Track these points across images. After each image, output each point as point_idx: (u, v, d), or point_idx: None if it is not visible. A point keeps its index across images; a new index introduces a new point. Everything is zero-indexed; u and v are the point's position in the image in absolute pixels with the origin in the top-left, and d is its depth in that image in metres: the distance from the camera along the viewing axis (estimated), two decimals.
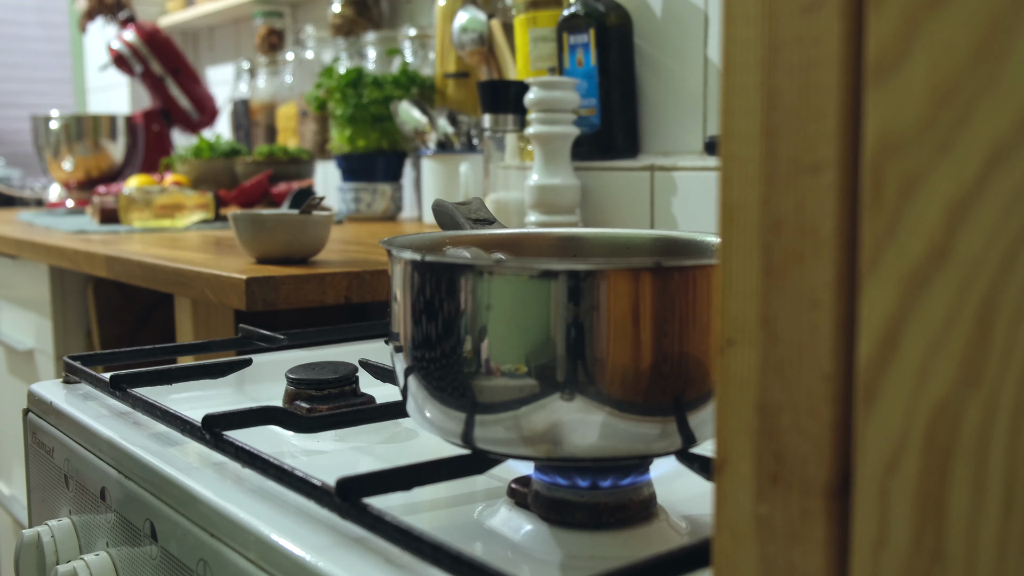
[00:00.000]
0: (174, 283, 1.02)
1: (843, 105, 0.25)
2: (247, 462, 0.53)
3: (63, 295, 1.40)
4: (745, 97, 0.27)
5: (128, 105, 2.91)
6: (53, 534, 0.66)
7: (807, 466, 0.26)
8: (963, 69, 0.22)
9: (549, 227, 0.90)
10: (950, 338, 0.23)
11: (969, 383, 0.22)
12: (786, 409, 0.27)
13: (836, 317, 0.25)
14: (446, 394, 0.45)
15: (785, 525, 0.27)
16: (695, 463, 0.50)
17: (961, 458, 0.23)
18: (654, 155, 1.22)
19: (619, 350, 0.42)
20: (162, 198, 1.57)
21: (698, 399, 0.44)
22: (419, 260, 0.45)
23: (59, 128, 2.14)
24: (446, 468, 0.48)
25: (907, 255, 0.23)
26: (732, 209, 0.28)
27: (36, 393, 0.74)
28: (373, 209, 1.71)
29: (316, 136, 1.98)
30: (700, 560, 0.38)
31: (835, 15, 0.25)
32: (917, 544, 0.24)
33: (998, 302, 0.22)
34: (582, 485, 0.47)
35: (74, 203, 2.12)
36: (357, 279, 0.97)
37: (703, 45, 1.16)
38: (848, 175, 0.25)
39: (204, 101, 2.31)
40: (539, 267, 0.43)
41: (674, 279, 0.43)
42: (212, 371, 0.74)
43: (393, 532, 0.42)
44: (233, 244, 1.25)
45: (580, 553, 0.45)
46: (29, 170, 3.01)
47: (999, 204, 0.22)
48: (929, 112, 0.23)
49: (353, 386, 0.69)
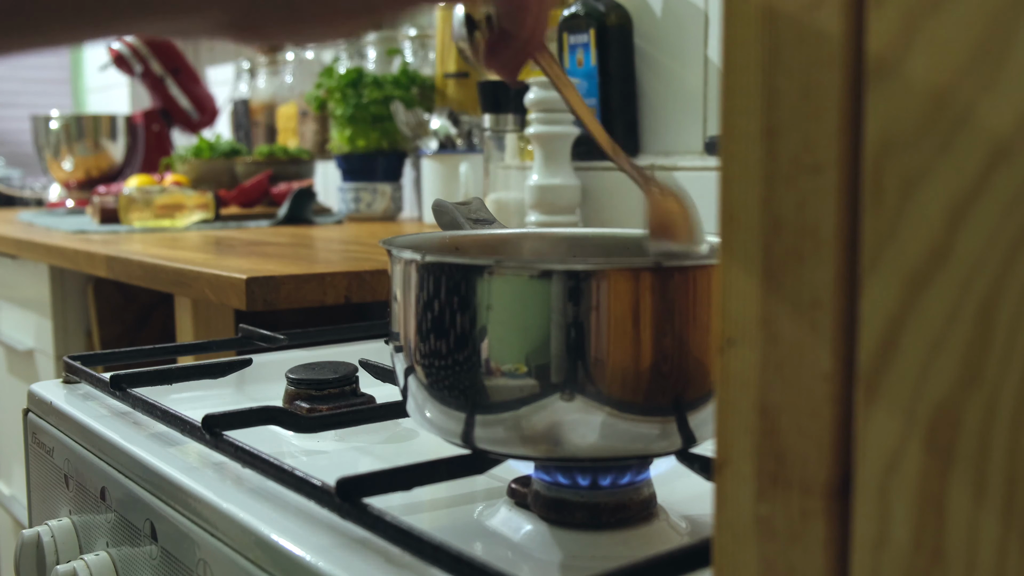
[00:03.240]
0: (174, 283, 1.02)
1: (843, 105, 0.25)
2: (247, 462, 0.53)
3: (63, 295, 1.40)
4: (745, 97, 0.27)
5: (128, 105, 2.91)
6: (53, 534, 0.66)
7: (807, 466, 0.26)
8: (963, 69, 0.22)
9: (549, 227, 0.90)
10: (950, 338, 0.23)
11: (969, 383, 0.22)
12: (786, 409, 0.27)
13: (836, 317, 0.25)
14: (446, 394, 0.45)
15: (785, 525, 0.27)
16: (695, 463, 0.50)
17: (961, 458, 0.23)
18: (654, 155, 1.22)
19: (619, 350, 0.42)
20: (162, 198, 1.57)
21: (698, 399, 0.44)
22: (419, 260, 0.45)
23: (59, 128, 2.14)
24: (446, 468, 0.48)
25: (907, 255, 0.23)
26: (732, 209, 0.28)
27: (36, 393, 0.74)
28: (373, 209, 1.71)
29: (316, 136, 1.97)
30: (700, 560, 0.38)
31: (835, 15, 0.25)
32: (917, 544, 0.24)
33: (998, 302, 0.22)
34: (583, 484, 0.47)
35: (74, 203, 2.12)
36: (357, 279, 0.97)
37: (703, 45, 1.16)
38: (848, 175, 0.25)
39: (204, 101, 2.30)
40: (539, 267, 0.43)
41: (674, 279, 0.43)
42: (212, 371, 0.74)
43: (393, 532, 0.42)
44: (233, 244, 1.25)
45: (580, 553, 0.45)
46: (29, 170, 3.01)
47: (999, 204, 0.22)
48: (929, 112, 0.23)
49: (353, 386, 0.69)
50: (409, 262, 0.46)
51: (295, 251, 1.19)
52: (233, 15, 0.40)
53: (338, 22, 0.42)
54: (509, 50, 0.49)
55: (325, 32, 0.43)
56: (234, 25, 0.41)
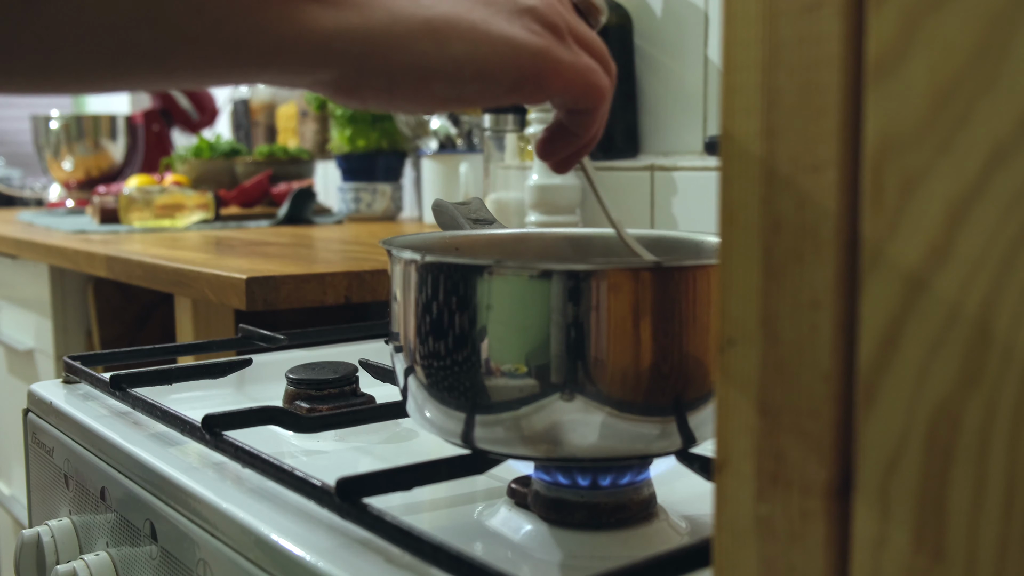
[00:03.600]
0: (174, 283, 1.02)
1: (843, 105, 0.25)
2: (247, 462, 0.53)
3: (63, 295, 1.40)
4: (745, 97, 0.27)
5: (128, 105, 2.91)
6: (53, 534, 0.66)
7: (807, 466, 0.26)
8: (963, 69, 0.22)
9: (549, 227, 0.90)
10: (950, 338, 0.23)
11: (969, 383, 0.22)
12: (786, 409, 0.27)
13: (836, 317, 0.25)
14: (446, 394, 0.45)
15: (785, 525, 0.27)
16: (695, 463, 0.50)
17: (961, 458, 0.23)
18: (654, 155, 1.22)
19: (619, 350, 0.42)
20: (162, 198, 1.57)
21: (698, 399, 0.44)
22: (419, 260, 0.45)
23: (59, 128, 2.14)
24: (446, 468, 0.48)
25: (907, 255, 0.23)
26: (732, 209, 0.28)
27: (36, 393, 0.74)
28: (373, 209, 1.71)
29: (316, 136, 1.98)
30: (700, 560, 0.38)
31: (835, 15, 0.25)
32: (917, 544, 0.24)
33: (998, 302, 0.22)
34: (583, 484, 0.47)
35: (74, 203, 2.12)
36: (357, 279, 0.97)
37: (703, 45, 1.16)
38: (848, 175, 0.25)
39: (204, 101, 2.30)
40: (539, 267, 0.43)
41: (674, 279, 0.43)
42: (212, 371, 0.74)
43: (393, 532, 0.42)
44: (233, 244, 1.25)
45: (580, 553, 0.45)
46: (29, 170, 3.01)
47: (999, 204, 0.22)
48: (929, 112, 0.23)
49: (353, 386, 0.69)
50: (409, 262, 0.46)
51: (295, 251, 1.19)
52: (338, 76, 0.43)
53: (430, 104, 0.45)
54: (568, 147, 0.50)
55: (414, 108, 0.46)
56: (335, 85, 0.43)
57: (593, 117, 0.49)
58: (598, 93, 0.47)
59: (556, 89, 0.46)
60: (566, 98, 0.47)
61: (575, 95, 0.47)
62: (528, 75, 0.44)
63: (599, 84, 0.47)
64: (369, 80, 0.43)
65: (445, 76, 0.43)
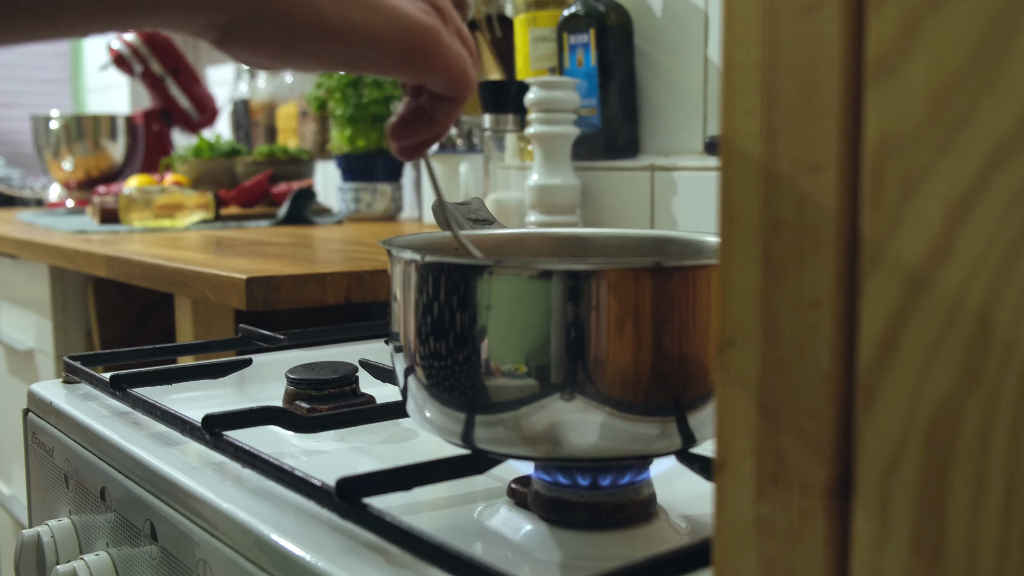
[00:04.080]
0: (174, 283, 1.02)
1: (843, 105, 0.25)
2: (247, 462, 0.53)
3: (63, 295, 1.40)
4: (745, 97, 0.27)
5: (128, 105, 2.91)
6: (53, 534, 0.66)
7: (807, 466, 0.26)
8: (963, 69, 0.22)
9: (549, 227, 0.90)
10: (950, 338, 0.23)
11: (969, 383, 0.22)
12: (786, 409, 0.27)
13: (836, 317, 0.25)
14: (446, 394, 0.45)
15: (785, 525, 0.27)
16: (695, 463, 0.50)
17: (961, 458, 0.23)
18: (654, 155, 1.22)
19: (619, 350, 0.42)
20: (162, 198, 1.57)
21: (698, 399, 0.44)
22: (419, 260, 0.45)
23: (59, 128, 2.14)
24: (446, 468, 0.48)
25: (907, 255, 0.23)
26: (732, 209, 0.28)
27: (36, 393, 0.74)
28: (373, 209, 1.71)
29: (316, 136, 1.98)
30: (700, 560, 0.38)
31: (835, 15, 0.25)
32: (917, 544, 0.24)
33: (998, 302, 0.22)
34: (583, 484, 0.47)
35: (74, 203, 2.12)
36: (357, 279, 0.97)
37: (703, 45, 1.16)
38: (848, 175, 0.25)
39: (204, 101, 2.31)
40: (539, 267, 0.43)
41: (674, 279, 0.43)
42: (212, 371, 0.74)
43: (393, 532, 0.42)
44: (233, 244, 1.25)
45: (580, 553, 0.45)
46: (29, 170, 3.01)
47: (999, 204, 0.22)
48: (929, 112, 0.23)
49: (353, 386, 0.69)
50: (409, 262, 0.46)
51: (295, 251, 1.19)
52: (231, 21, 0.42)
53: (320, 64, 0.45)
54: (422, 133, 0.50)
55: (303, 66, 0.45)
56: (226, 29, 0.42)
57: (456, 106, 0.49)
58: (469, 83, 0.48)
59: (438, 68, 0.46)
60: (443, 81, 0.47)
61: (451, 79, 0.47)
62: (417, 49, 0.45)
63: (471, 75, 0.48)
64: (264, 29, 0.42)
65: (339, 37, 0.43)
